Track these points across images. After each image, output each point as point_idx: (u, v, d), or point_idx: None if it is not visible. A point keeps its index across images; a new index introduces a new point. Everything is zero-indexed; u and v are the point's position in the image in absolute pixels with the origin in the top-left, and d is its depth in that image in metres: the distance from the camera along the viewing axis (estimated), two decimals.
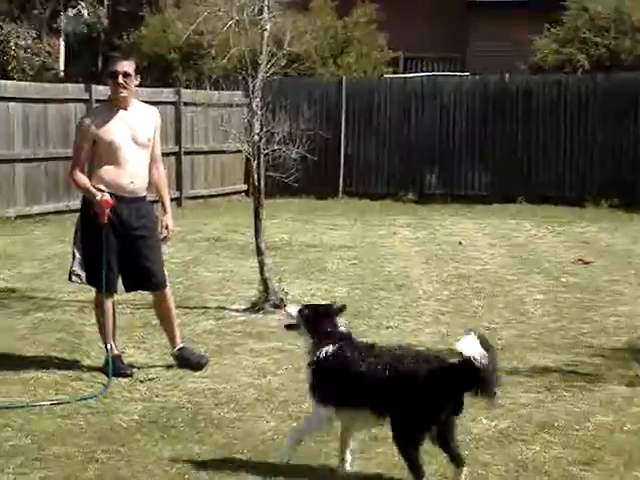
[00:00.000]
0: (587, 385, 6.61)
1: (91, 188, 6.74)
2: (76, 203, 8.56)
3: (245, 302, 9.20)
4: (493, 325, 8.49)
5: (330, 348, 4.93)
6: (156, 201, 7.24)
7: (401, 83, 20.15)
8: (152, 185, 7.08)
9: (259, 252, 9.19)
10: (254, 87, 9.07)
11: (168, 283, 7.11)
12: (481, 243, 13.87)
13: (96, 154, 6.80)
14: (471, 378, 4.57)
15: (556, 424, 5.79)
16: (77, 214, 7.21)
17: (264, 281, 9.04)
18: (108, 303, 6.95)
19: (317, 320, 5.07)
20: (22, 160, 15.34)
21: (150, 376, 6.81)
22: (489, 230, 15.34)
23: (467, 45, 25.78)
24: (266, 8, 9.07)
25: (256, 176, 9.22)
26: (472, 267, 11.63)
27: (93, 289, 7.07)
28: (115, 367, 6.75)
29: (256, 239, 9.27)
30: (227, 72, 16.20)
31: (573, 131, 18.85)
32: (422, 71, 24.90)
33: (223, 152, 17.38)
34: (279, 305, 8.89)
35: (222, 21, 9.33)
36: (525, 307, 9.31)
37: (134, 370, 6.91)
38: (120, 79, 6.76)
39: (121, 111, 6.85)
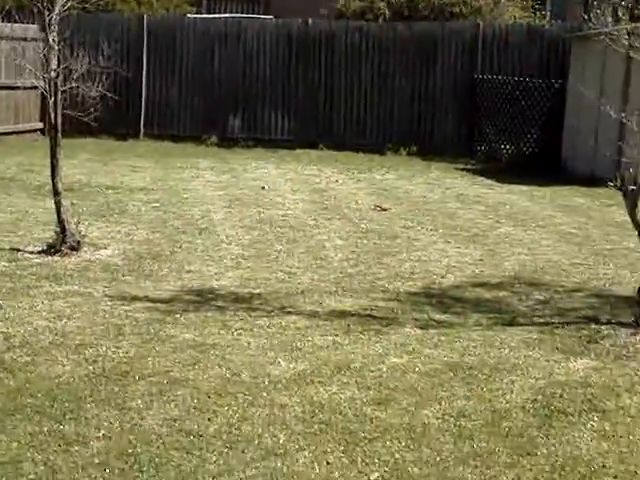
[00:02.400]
0: (383, 328, 6.78)
1: None
2: None
3: (41, 244, 8.91)
4: (294, 270, 8.59)
5: None
6: None
7: (205, 23, 19.80)
8: None
9: (56, 193, 8.89)
10: (50, 21, 8.71)
11: None
12: (284, 188, 13.95)
13: None
14: None
15: (352, 366, 5.91)
16: None
17: (61, 223, 8.77)
18: None
19: None
20: None
21: None
22: (292, 176, 15.45)
23: None
24: None
25: (53, 114, 8.87)
26: (274, 212, 11.69)
27: None
28: None
29: (52, 179, 8.95)
30: (21, 3, 15.50)
31: (374, 79, 19.12)
32: (226, 12, 24.62)
33: (17, 88, 16.67)
34: (76, 247, 8.69)
35: None
36: (325, 252, 9.44)
37: None
38: None
39: None
